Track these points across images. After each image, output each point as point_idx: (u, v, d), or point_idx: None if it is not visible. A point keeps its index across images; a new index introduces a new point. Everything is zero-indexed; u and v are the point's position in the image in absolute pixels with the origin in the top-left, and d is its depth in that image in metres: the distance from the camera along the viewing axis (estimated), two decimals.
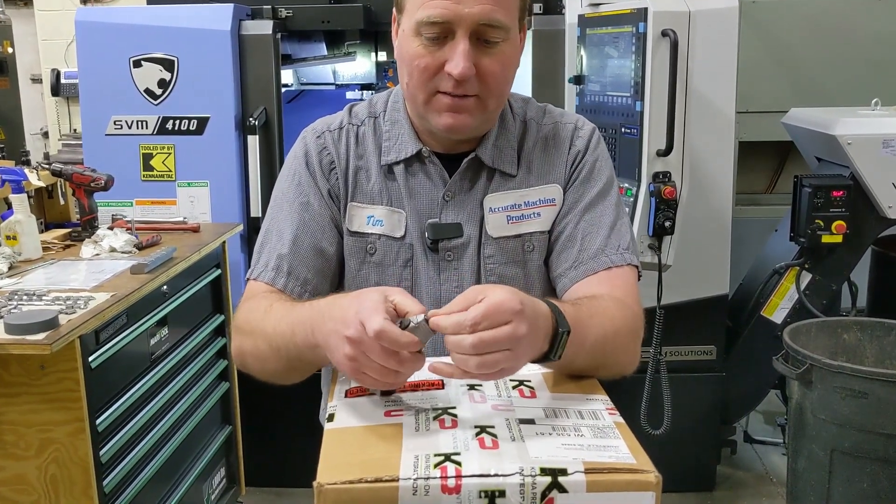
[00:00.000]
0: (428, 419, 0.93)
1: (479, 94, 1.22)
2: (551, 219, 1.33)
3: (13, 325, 1.81)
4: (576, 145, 1.36)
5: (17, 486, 1.97)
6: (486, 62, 1.20)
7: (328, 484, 0.81)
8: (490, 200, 1.31)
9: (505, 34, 1.21)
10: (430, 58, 1.20)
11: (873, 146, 2.91)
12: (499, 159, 1.33)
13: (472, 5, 1.16)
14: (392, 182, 1.33)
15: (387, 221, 1.32)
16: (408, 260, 1.31)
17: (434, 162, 1.32)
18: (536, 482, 0.82)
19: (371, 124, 1.38)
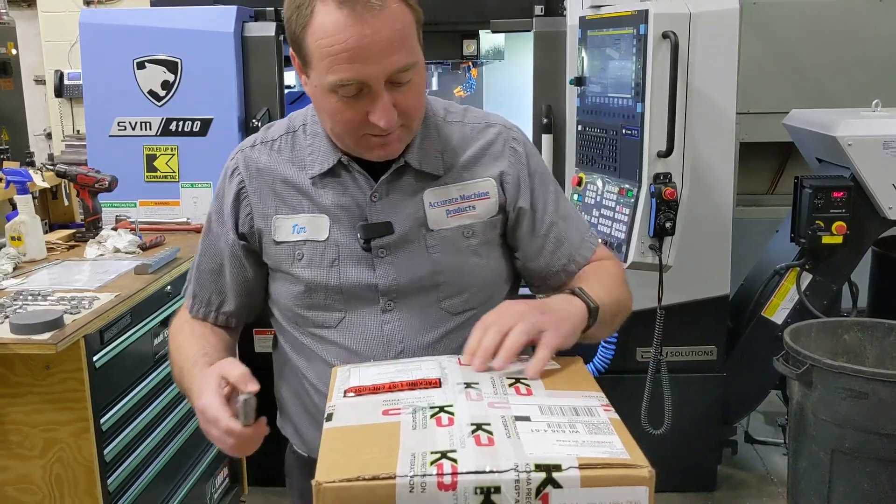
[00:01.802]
0: (425, 417, 0.94)
1: (403, 123, 1.28)
2: (486, 209, 1.41)
3: (19, 325, 1.83)
4: (515, 149, 1.44)
5: (22, 486, 2.00)
6: (402, 100, 1.26)
7: (326, 482, 0.83)
8: (429, 196, 1.38)
9: (414, 70, 1.26)
10: (352, 112, 1.25)
11: (874, 147, 2.93)
12: (426, 162, 1.39)
13: (380, 60, 1.20)
14: (318, 190, 1.39)
15: (309, 227, 1.38)
16: (333, 260, 1.37)
17: (356, 168, 1.37)
18: (531, 478, 0.83)
19: (288, 140, 1.42)
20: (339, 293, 1.37)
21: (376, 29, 1.18)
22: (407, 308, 1.37)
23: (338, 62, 1.19)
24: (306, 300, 1.38)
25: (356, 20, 1.17)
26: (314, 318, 1.39)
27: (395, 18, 1.20)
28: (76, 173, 2.67)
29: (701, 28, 2.68)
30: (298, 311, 1.40)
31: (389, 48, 1.20)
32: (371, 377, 1.08)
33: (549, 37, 3.09)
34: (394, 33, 1.20)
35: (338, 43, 1.18)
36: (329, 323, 1.39)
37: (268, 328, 3.25)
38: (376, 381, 1.06)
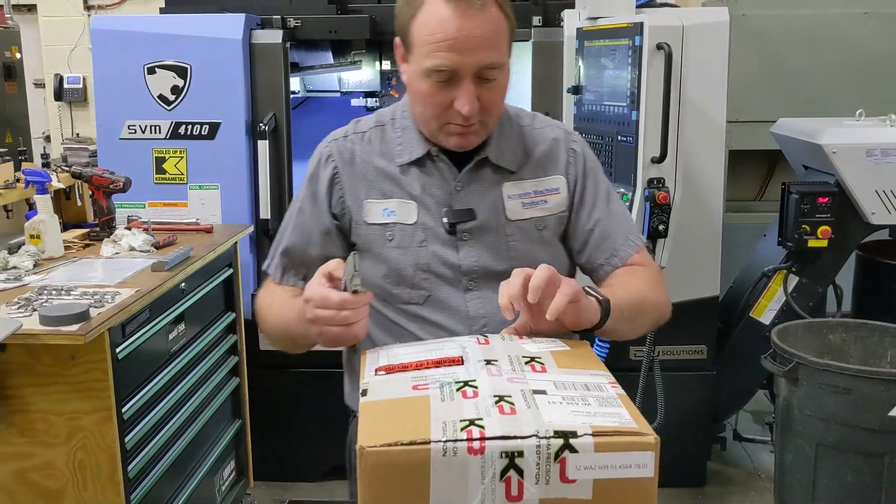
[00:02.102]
0: (451, 391, 1.05)
1: (482, 119, 1.45)
2: (557, 203, 1.57)
3: (48, 318, 1.92)
4: (574, 150, 1.61)
5: (47, 472, 2.08)
6: (486, 95, 1.42)
7: (369, 447, 0.93)
8: (507, 189, 1.54)
9: (500, 70, 1.42)
10: (441, 96, 1.41)
11: (857, 155, 3.04)
12: (502, 158, 1.55)
13: (474, 55, 1.37)
14: (405, 178, 1.54)
15: (399, 211, 1.53)
16: (422, 241, 1.52)
17: (443, 159, 1.53)
18: (551, 444, 0.93)
19: (378, 133, 1.59)
20: (426, 271, 1.51)
21: (474, 25, 1.35)
22: (486, 288, 1.51)
23: (436, 49, 1.36)
24: (395, 278, 1.53)
25: (459, 15, 1.35)
26: (401, 295, 1.53)
27: (492, 20, 1.38)
28: (91, 174, 2.76)
29: (693, 40, 2.80)
30: (388, 288, 1.53)
31: (483, 44, 1.36)
32: (399, 357, 1.18)
33: (546, 47, 3.20)
34: (489, 33, 1.37)
35: (439, 32, 1.35)
36: (416, 300, 1.53)
37: None
38: (404, 360, 1.17)
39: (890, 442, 2.57)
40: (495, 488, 0.93)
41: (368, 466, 0.92)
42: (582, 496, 0.94)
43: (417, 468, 0.92)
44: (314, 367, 3.35)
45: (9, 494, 2.09)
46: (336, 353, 3.36)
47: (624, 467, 0.94)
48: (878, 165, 3.04)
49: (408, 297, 1.53)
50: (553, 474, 0.94)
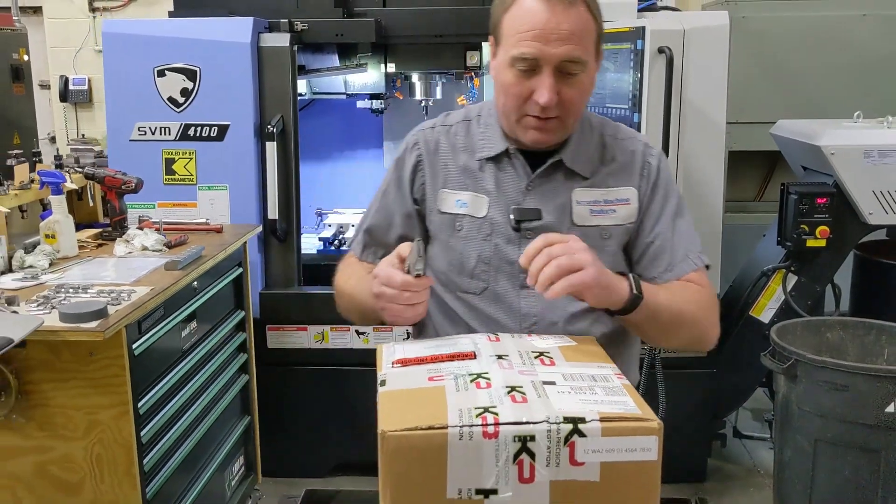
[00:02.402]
0: (466, 382, 1.10)
1: (559, 115, 1.50)
2: (626, 214, 1.61)
3: (67, 314, 1.98)
4: (650, 163, 1.64)
5: (65, 465, 2.14)
6: (566, 91, 1.47)
7: (390, 431, 0.99)
8: (577, 194, 1.59)
9: (583, 67, 1.47)
10: (522, 86, 1.47)
11: (855, 156, 3.09)
12: (577, 163, 1.60)
13: (557, 46, 1.43)
14: (481, 173, 1.62)
15: (471, 204, 1.61)
16: (488, 234, 1.59)
17: (518, 158, 1.60)
18: (561, 429, 0.99)
19: (463, 127, 1.67)
20: (487, 264, 1.58)
21: (561, 20, 1.42)
22: None
23: (523, 38, 1.43)
24: (458, 266, 1.60)
25: (547, 8, 1.42)
26: (461, 284, 1.61)
27: (579, 18, 1.45)
28: (104, 175, 2.82)
29: (694, 43, 2.86)
30: (451, 275, 1.61)
31: (567, 38, 1.43)
32: (414, 351, 1.24)
33: None
34: (574, 28, 1.44)
35: (527, 23, 1.43)
36: (474, 290, 1.59)
37: (281, 324, 3.40)
38: (419, 354, 1.22)
39: (886, 437, 2.62)
40: (508, 470, 0.99)
41: (390, 449, 0.98)
42: (590, 478, 1.00)
43: (436, 451, 0.98)
44: (320, 364, 3.42)
45: (28, 487, 2.15)
46: (342, 350, 3.43)
47: (629, 451, 1.00)
48: (875, 166, 3.09)
49: (467, 286, 1.60)
50: (563, 457, 0.99)
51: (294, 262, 3.40)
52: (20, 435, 2.11)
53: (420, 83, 3.82)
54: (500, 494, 1.00)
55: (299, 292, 3.40)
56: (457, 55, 3.62)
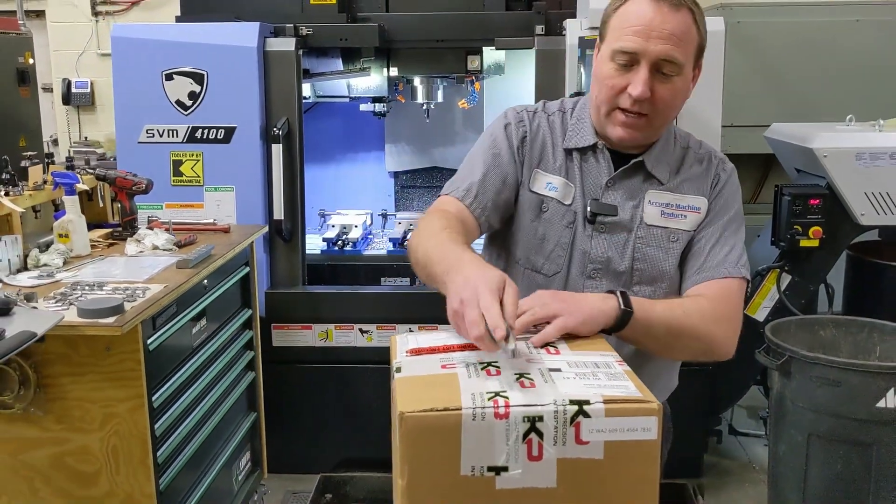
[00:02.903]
0: (477, 370, 1.17)
1: (649, 113, 1.58)
2: (694, 222, 1.68)
3: (86, 310, 2.05)
4: (720, 175, 1.72)
5: (82, 457, 2.20)
6: (660, 89, 1.55)
7: (408, 412, 1.06)
8: (651, 195, 1.67)
9: (679, 70, 1.55)
10: (618, 79, 1.56)
11: (847, 159, 3.17)
12: (657, 168, 1.68)
13: (657, 44, 1.52)
14: (570, 162, 1.70)
15: (561, 189, 1.69)
16: (570, 222, 1.68)
17: (605, 155, 1.68)
18: (567, 410, 1.06)
19: (559, 117, 1.75)
20: (563, 249, 1.67)
21: (665, 20, 1.50)
22: (607, 280, 1.65)
23: (626, 33, 1.51)
24: (537, 247, 1.68)
25: (655, 9, 1.50)
26: (537, 263, 1.69)
27: (683, 22, 1.53)
28: (115, 176, 2.89)
29: None
30: (529, 254, 1.69)
31: (668, 38, 1.51)
32: (427, 341, 1.31)
33: (549, 54, 3.33)
34: (676, 30, 1.52)
35: (633, 19, 1.51)
36: (547, 272, 1.69)
37: (286, 323, 3.46)
38: (432, 344, 1.29)
39: (878, 432, 2.69)
40: (518, 449, 1.06)
41: (408, 429, 1.05)
42: (594, 456, 1.07)
43: (450, 431, 1.05)
44: (325, 362, 3.49)
45: (46, 478, 2.22)
46: (346, 348, 3.49)
47: (631, 430, 1.07)
48: (867, 169, 3.17)
49: (541, 267, 1.69)
50: (569, 436, 1.06)
51: (299, 261, 3.48)
52: (38, 427, 2.18)
53: (422, 87, 3.89)
54: (511, 471, 1.07)
55: (304, 291, 3.47)
56: (458, 59, 3.70)
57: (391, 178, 4.35)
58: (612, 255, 1.67)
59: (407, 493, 1.07)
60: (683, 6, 1.54)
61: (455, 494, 1.07)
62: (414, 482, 1.07)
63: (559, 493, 1.08)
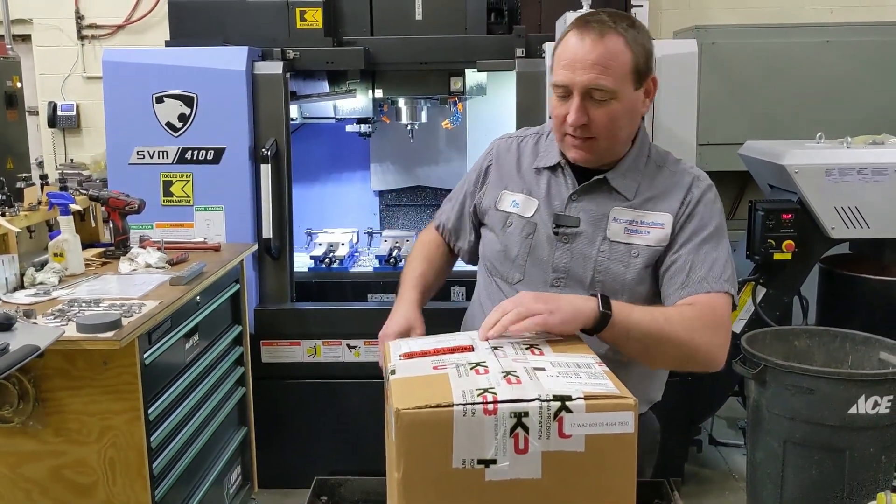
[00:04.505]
0: (466, 370, 1.26)
1: (595, 136, 1.69)
2: (658, 238, 1.73)
3: (85, 325, 2.11)
4: (693, 192, 1.76)
5: (79, 469, 2.26)
6: (596, 114, 1.66)
7: (403, 409, 1.14)
8: (616, 212, 1.75)
9: (611, 94, 1.64)
10: (560, 109, 1.69)
11: (817, 175, 3.29)
12: (622, 185, 1.76)
13: (582, 75, 1.62)
14: (538, 178, 1.83)
15: (522, 204, 1.84)
16: (530, 233, 1.80)
17: (568, 171, 1.80)
18: (551, 406, 1.15)
19: (534, 139, 1.91)
20: (524, 259, 1.79)
21: (589, 52, 1.61)
22: (569, 290, 1.73)
23: (558, 68, 1.64)
24: (503, 256, 1.82)
25: (579, 43, 1.61)
26: (502, 271, 1.84)
27: (610, 50, 1.62)
28: (108, 196, 2.95)
29: (665, 69, 3.04)
30: (494, 262, 1.86)
31: (591, 68, 1.62)
32: (419, 346, 1.39)
33: (529, 76, 3.43)
34: (601, 59, 1.61)
35: (563, 54, 1.64)
36: (512, 279, 1.81)
37: (275, 339, 3.52)
38: (423, 348, 1.38)
39: (850, 438, 2.79)
40: (506, 442, 1.14)
41: (404, 425, 1.13)
42: (576, 448, 1.16)
43: (443, 426, 1.13)
44: (313, 378, 3.55)
45: (44, 490, 2.27)
46: (334, 364, 3.55)
47: (610, 424, 1.16)
48: (836, 184, 3.29)
49: (507, 275, 1.82)
50: (553, 431, 1.15)
51: (287, 279, 3.55)
52: (37, 440, 2.24)
53: (406, 108, 3.99)
54: (499, 464, 1.15)
55: (293, 308, 3.54)
56: (441, 81, 3.80)
57: (376, 197, 4.43)
58: (575, 265, 1.75)
59: (402, 486, 1.15)
60: (610, 32, 1.62)
61: (447, 486, 1.16)
62: (409, 475, 1.15)
63: (544, 484, 1.17)
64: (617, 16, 1.68)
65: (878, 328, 3.11)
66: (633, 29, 1.67)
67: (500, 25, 3.77)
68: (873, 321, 3.28)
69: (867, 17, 5.04)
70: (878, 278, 3.45)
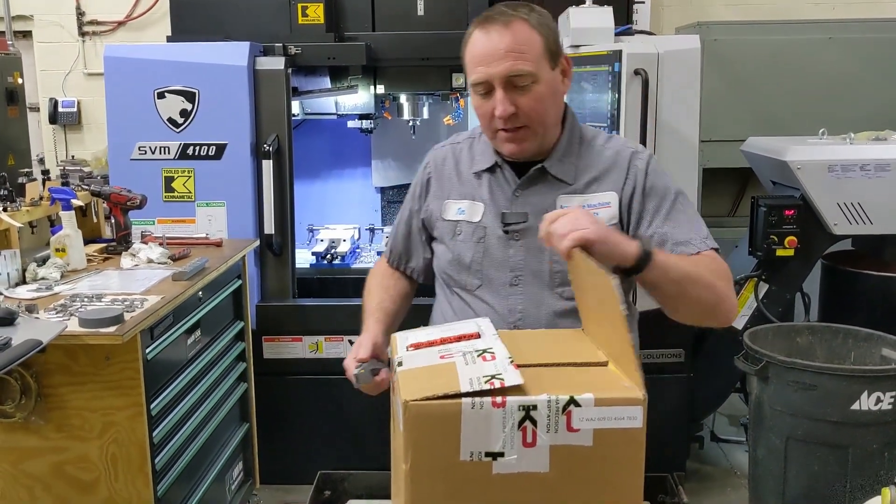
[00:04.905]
0: (473, 357, 1.25)
1: (526, 124, 1.66)
2: (608, 216, 1.72)
3: (87, 320, 2.10)
4: (637, 165, 1.76)
5: (81, 465, 2.26)
6: (522, 101, 1.64)
7: (411, 400, 1.13)
8: (562, 200, 1.73)
9: (532, 78, 1.62)
10: (486, 107, 1.67)
11: (820, 170, 3.28)
12: (560, 171, 1.75)
13: (498, 66, 1.61)
14: (479, 182, 1.80)
15: (468, 210, 1.80)
16: (481, 238, 1.77)
17: (506, 169, 1.77)
18: (559, 399, 1.14)
19: (468, 144, 1.87)
20: (479, 264, 1.76)
21: (499, 40, 1.60)
22: (529, 286, 1.73)
23: (473, 67, 1.62)
24: (458, 265, 1.79)
25: (486, 37, 1.60)
26: (460, 280, 1.80)
27: (517, 35, 1.61)
28: (110, 192, 2.95)
29: (667, 66, 3.04)
30: (450, 273, 1.81)
31: (507, 56, 1.60)
32: (425, 336, 1.39)
33: None
34: (513, 45, 1.60)
35: (475, 52, 1.62)
36: (471, 286, 1.78)
37: (276, 335, 3.51)
38: (430, 338, 1.37)
39: (853, 434, 2.79)
40: (514, 435, 1.14)
41: (411, 416, 1.13)
42: (584, 443, 1.15)
43: (451, 418, 1.13)
44: (315, 373, 3.55)
45: (46, 487, 2.26)
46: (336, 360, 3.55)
47: (618, 419, 1.15)
48: (839, 180, 3.28)
49: (464, 283, 1.79)
50: (561, 424, 1.14)
51: (289, 275, 3.54)
52: (39, 436, 2.23)
53: (408, 104, 3.98)
54: (507, 457, 1.15)
55: (294, 304, 3.54)
56: (443, 77, 3.79)
57: (378, 194, 4.43)
58: (531, 261, 1.74)
59: (410, 477, 1.15)
60: (514, 19, 1.62)
61: (454, 478, 1.15)
62: (416, 467, 1.15)
63: (551, 478, 1.16)
64: (514, 5, 1.67)
65: (881, 324, 3.11)
66: (535, 13, 1.67)
67: None
68: (875, 317, 3.28)
69: (869, 13, 5.04)
70: (880, 275, 3.44)
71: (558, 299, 1.72)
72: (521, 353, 1.29)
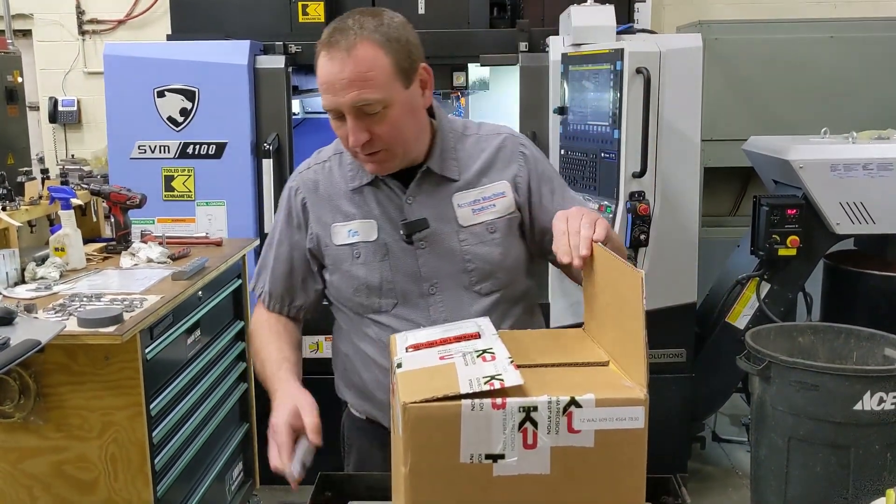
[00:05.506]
0: (473, 357, 1.24)
1: (384, 148, 1.57)
2: (504, 206, 1.68)
3: (86, 320, 2.10)
4: (524, 153, 1.72)
5: (80, 465, 2.25)
6: (376, 128, 1.53)
7: (410, 403, 1.12)
8: (457, 198, 1.67)
9: (382, 104, 1.51)
10: (341, 131, 1.56)
11: (822, 170, 3.27)
12: (445, 168, 1.67)
13: (344, 95, 1.49)
14: (361, 199, 1.68)
15: (361, 231, 1.67)
16: (384, 255, 1.67)
17: (388, 180, 1.66)
18: (560, 400, 1.13)
19: (336, 161, 1.72)
20: (391, 282, 1.66)
21: (342, 68, 1.48)
22: (446, 291, 1.67)
23: (322, 92, 1.52)
24: (365, 290, 1.67)
25: (328, 60, 1.50)
26: (372, 305, 1.68)
27: (362, 61, 1.48)
28: (109, 191, 2.94)
29: (669, 64, 3.03)
30: (359, 300, 1.68)
31: (351, 85, 1.48)
32: (424, 337, 1.37)
33: (532, 71, 3.42)
34: (356, 73, 1.48)
35: (321, 77, 1.51)
36: (385, 308, 1.68)
37: None
38: (429, 338, 1.36)
39: (855, 434, 2.77)
40: (514, 437, 1.13)
41: (411, 419, 1.12)
42: (585, 444, 1.14)
43: (450, 420, 1.12)
44: (315, 373, 3.52)
45: (45, 486, 2.26)
46: None
47: (620, 420, 1.14)
48: (841, 179, 3.27)
49: (378, 306, 1.68)
50: (562, 425, 1.13)
51: None
52: (38, 436, 2.23)
53: None
54: (507, 459, 1.13)
55: None
56: (444, 76, 3.78)
57: None
58: (443, 265, 1.67)
59: (409, 480, 1.14)
60: (358, 41, 1.49)
61: (455, 481, 1.14)
62: (416, 469, 1.13)
63: (552, 479, 1.15)
64: (363, 16, 1.54)
65: (883, 324, 3.09)
66: (384, 26, 1.54)
67: (503, 20, 3.76)
68: (878, 317, 3.27)
69: (871, 12, 5.03)
70: (882, 274, 3.43)
71: (478, 297, 1.68)
72: (522, 352, 1.28)
